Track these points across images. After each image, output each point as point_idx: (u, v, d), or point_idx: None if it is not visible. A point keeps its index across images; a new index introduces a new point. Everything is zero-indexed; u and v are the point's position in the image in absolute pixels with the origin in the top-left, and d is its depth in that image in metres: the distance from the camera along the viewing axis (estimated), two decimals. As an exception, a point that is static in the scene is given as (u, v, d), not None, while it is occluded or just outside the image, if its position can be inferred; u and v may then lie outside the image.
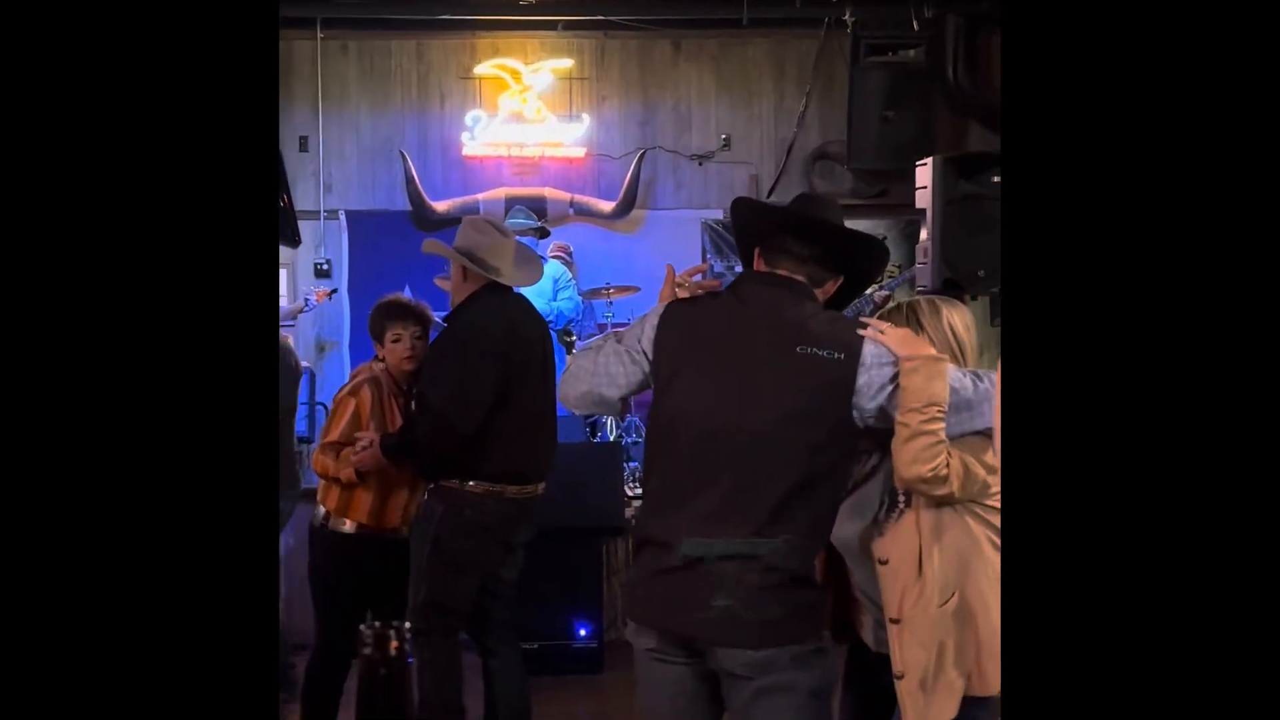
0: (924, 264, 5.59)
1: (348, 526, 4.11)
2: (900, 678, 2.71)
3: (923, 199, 5.61)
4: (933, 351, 2.65)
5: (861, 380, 2.58)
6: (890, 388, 2.59)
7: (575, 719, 5.18)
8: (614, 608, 6.02)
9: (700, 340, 2.71)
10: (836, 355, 2.59)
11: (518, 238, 7.09)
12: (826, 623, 2.73)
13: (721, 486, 2.60)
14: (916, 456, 2.57)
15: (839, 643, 2.91)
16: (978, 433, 2.68)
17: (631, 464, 6.31)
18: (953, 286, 5.32)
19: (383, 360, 4.27)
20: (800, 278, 2.73)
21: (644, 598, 2.72)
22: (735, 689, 2.62)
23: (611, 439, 6.85)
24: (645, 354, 2.74)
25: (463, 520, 3.97)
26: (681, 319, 2.75)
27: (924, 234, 5.60)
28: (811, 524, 2.63)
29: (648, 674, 2.73)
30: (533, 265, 4.43)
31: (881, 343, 2.62)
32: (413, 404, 4.12)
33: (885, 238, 8.51)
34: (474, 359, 3.93)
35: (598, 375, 2.78)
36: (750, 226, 2.88)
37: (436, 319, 4.46)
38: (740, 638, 2.58)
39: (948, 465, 2.58)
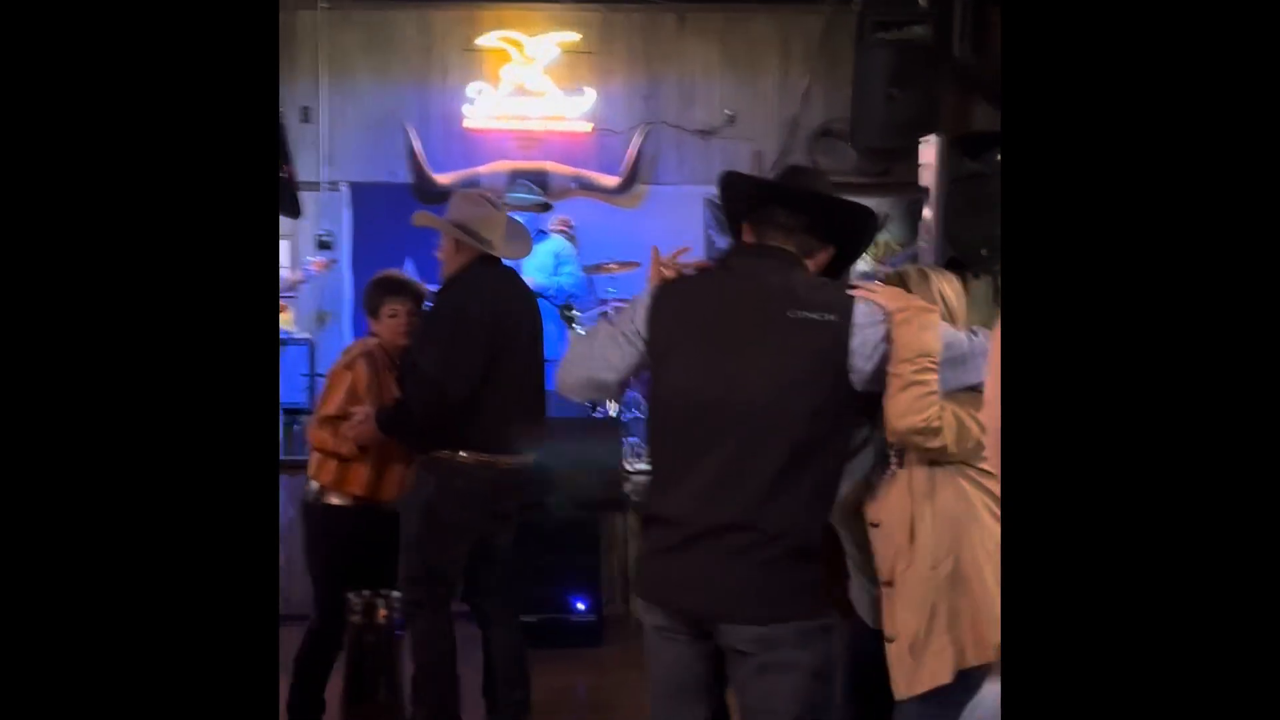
0: (927, 242, 5.58)
1: (344, 500, 4.13)
2: (891, 641, 2.70)
3: (926, 177, 5.59)
4: (923, 303, 2.65)
5: (855, 341, 2.58)
6: (884, 346, 2.58)
7: (573, 692, 5.20)
8: (612, 582, 6.04)
9: (692, 315, 2.71)
10: (828, 317, 2.59)
11: (519, 212, 7.13)
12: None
13: (720, 458, 2.60)
14: (909, 407, 2.55)
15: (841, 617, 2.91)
16: (972, 389, 2.66)
17: (630, 439, 6.31)
18: (955, 265, 5.31)
19: (376, 335, 4.28)
20: (789, 247, 2.73)
21: (651, 575, 2.74)
22: (738, 665, 2.64)
23: (610, 414, 6.86)
24: (640, 334, 2.74)
25: (455, 490, 4.00)
26: (673, 296, 2.76)
27: (927, 212, 5.59)
28: (813, 494, 2.63)
29: (656, 650, 2.75)
30: (523, 239, 4.47)
31: (872, 300, 2.62)
32: (403, 375, 4.13)
33: (888, 216, 8.50)
34: (465, 328, 3.96)
35: (593, 359, 2.79)
36: (739, 199, 2.88)
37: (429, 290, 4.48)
38: (745, 613, 2.59)
39: (940, 417, 2.57)
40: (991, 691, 0.74)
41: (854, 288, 2.67)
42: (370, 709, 0.82)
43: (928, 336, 2.57)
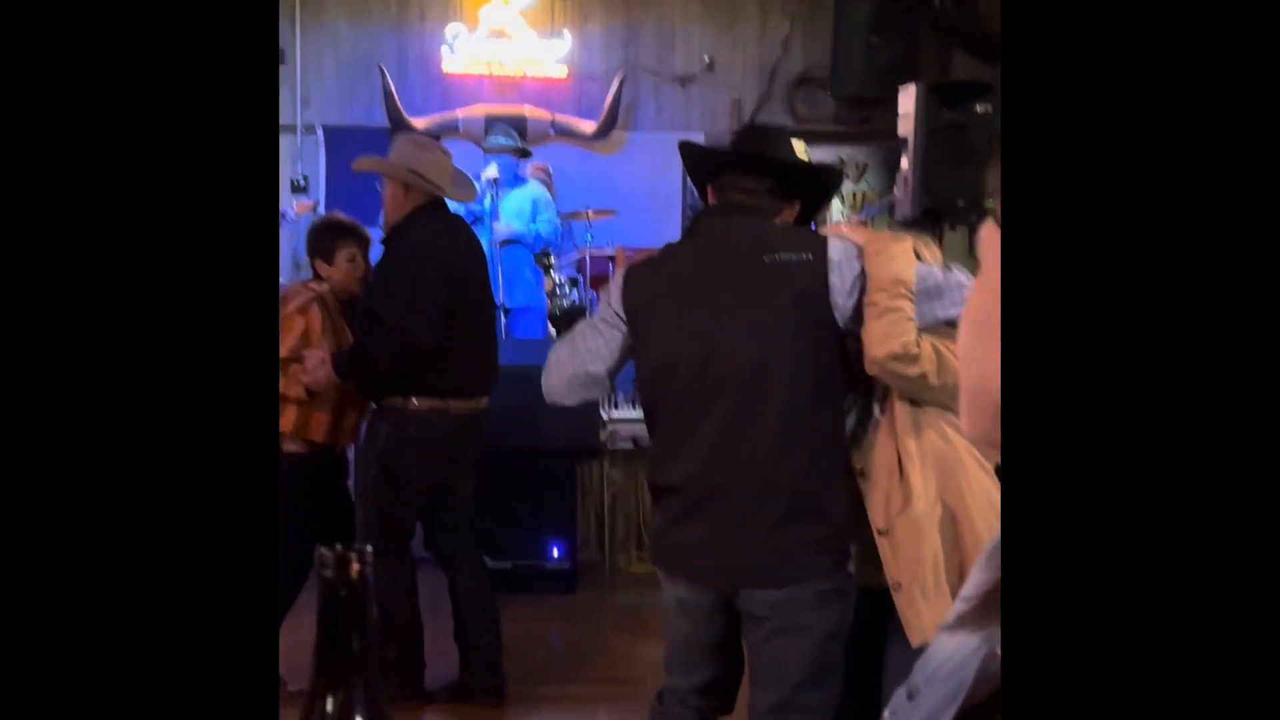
0: (903, 192, 5.57)
1: (301, 448, 4.13)
2: (897, 589, 2.70)
3: (904, 126, 5.57)
4: (892, 235, 2.68)
5: (834, 279, 2.59)
6: (862, 281, 2.60)
7: (547, 638, 5.24)
8: (587, 529, 6.07)
9: (668, 284, 2.71)
10: (804, 256, 2.60)
11: (499, 157, 7.07)
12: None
13: (717, 420, 2.60)
14: (885, 333, 2.56)
15: None
16: (951, 324, 2.67)
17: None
18: (931, 216, 5.30)
19: (325, 280, 4.26)
20: (754, 204, 2.74)
21: (667, 546, 2.75)
22: (753, 629, 2.65)
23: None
24: (619, 315, 2.73)
25: (408, 438, 4.04)
26: (645, 271, 2.77)
27: (904, 162, 5.57)
28: (815, 446, 2.62)
29: (673, 619, 2.76)
30: (469, 185, 4.52)
31: (844, 237, 2.65)
32: (357, 323, 4.12)
33: (867, 165, 8.49)
34: (425, 272, 3.97)
35: (578, 355, 2.76)
36: (700, 168, 2.91)
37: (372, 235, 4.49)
38: (763, 577, 2.60)
39: (918, 344, 2.58)
40: (945, 644, 0.73)
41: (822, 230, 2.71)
42: (343, 664, 0.83)
43: (899, 265, 2.59)
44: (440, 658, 4.29)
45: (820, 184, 2.90)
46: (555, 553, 5.73)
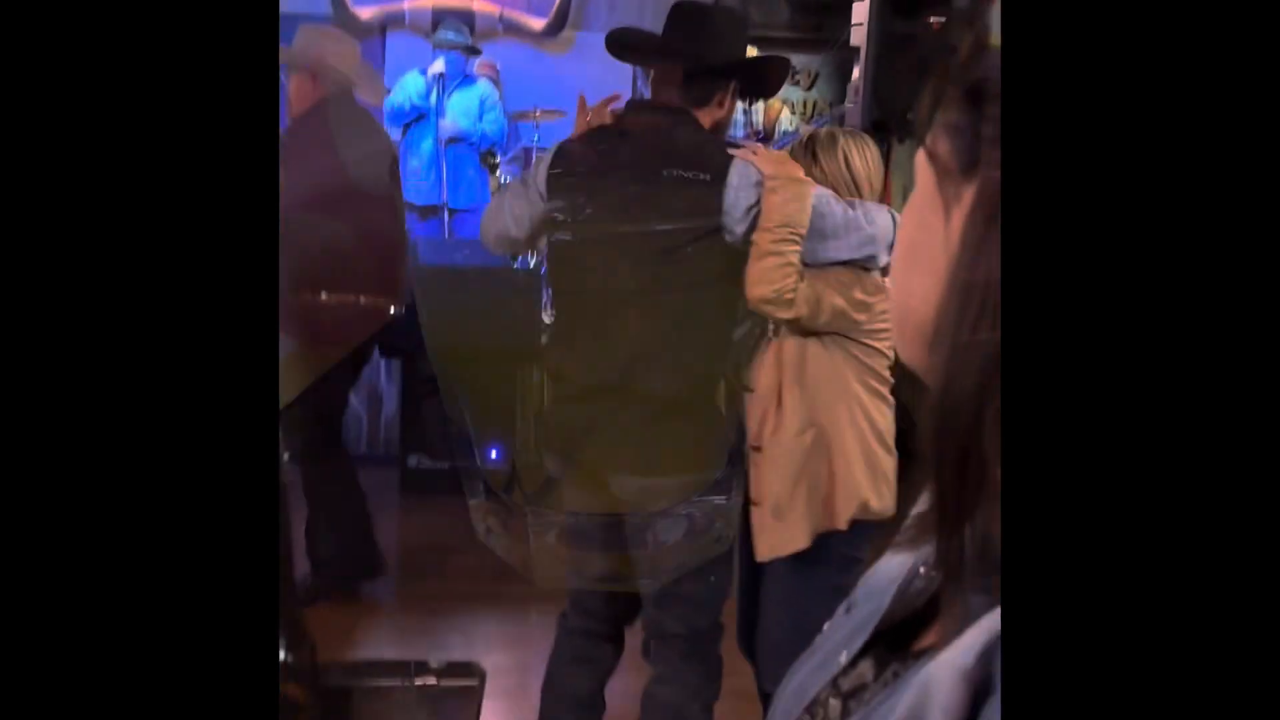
0: (854, 104, 5.53)
1: None
2: (756, 505, 2.77)
3: (857, 35, 5.51)
4: (799, 174, 2.65)
5: (728, 200, 2.60)
6: (758, 210, 2.60)
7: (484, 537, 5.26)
8: (526, 432, 6.07)
9: (585, 177, 2.74)
10: (702, 176, 2.61)
11: (447, 53, 6.92)
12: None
13: (602, 321, 2.68)
14: (762, 276, 2.57)
15: None
16: (847, 265, 2.67)
17: (550, 290, 6.29)
18: (880, 128, 5.28)
19: None
20: (680, 103, 2.72)
21: (552, 424, 2.88)
22: (629, 521, 2.71)
23: (531, 265, 6.81)
24: (540, 193, 2.75)
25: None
26: (569, 155, 2.78)
27: (856, 73, 5.52)
28: (695, 356, 2.68)
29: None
30: (376, 79, 4.46)
31: (750, 162, 2.63)
32: None
33: (818, 74, 8.41)
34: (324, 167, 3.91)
35: (503, 214, 2.83)
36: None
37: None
38: (631, 465, 2.68)
39: (795, 289, 2.58)
40: (886, 563, 0.73)
41: (737, 149, 2.70)
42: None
43: (793, 208, 2.57)
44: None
45: (753, 75, 2.89)
46: (492, 454, 5.73)
